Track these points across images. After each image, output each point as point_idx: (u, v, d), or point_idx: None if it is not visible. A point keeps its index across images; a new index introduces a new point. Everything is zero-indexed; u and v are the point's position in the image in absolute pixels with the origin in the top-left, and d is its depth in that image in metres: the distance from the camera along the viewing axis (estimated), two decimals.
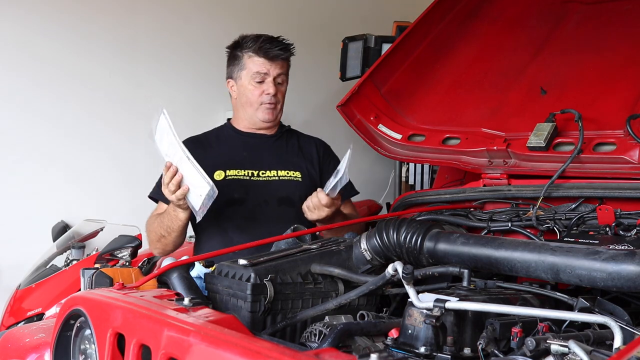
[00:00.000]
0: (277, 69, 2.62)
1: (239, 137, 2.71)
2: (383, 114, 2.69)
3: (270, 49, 2.60)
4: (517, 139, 2.33)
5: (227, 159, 2.63)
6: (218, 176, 2.57)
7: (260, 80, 2.61)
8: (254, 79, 2.62)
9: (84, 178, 4.47)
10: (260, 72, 2.61)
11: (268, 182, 2.61)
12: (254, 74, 2.61)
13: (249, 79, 2.62)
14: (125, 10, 4.65)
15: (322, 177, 2.67)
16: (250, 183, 2.60)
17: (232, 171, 2.60)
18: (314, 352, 1.29)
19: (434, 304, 1.45)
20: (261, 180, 2.61)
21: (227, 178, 2.58)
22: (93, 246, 3.90)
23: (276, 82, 2.64)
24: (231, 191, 2.54)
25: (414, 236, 1.96)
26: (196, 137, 2.74)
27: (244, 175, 2.60)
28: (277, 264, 1.87)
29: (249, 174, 2.61)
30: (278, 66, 2.63)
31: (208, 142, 2.70)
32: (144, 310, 1.58)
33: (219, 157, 2.63)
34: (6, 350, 2.11)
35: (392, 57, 2.76)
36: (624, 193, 2.05)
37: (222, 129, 2.78)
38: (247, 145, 2.69)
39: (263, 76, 2.61)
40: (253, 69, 2.61)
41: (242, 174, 2.60)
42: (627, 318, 1.60)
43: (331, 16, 5.35)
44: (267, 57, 2.60)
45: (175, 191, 2.25)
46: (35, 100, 4.38)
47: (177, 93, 4.68)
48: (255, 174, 2.62)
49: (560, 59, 2.54)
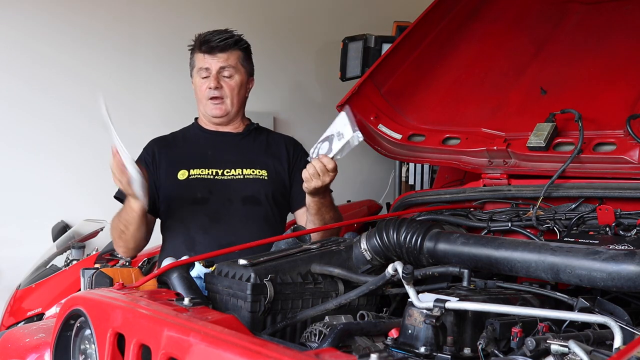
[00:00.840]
0: (219, 62, 2.56)
1: (204, 136, 2.68)
2: (383, 114, 2.69)
3: (209, 42, 2.55)
4: (517, 139, 2.33)
5: (191, 158, 2.60)
6: (182, 175, 2.55)
7: (205, 75, 2.58)
8: (199, 75, 2.59)
9: (84, 178, 4.47)
10: (202, 67, 2.58)
11: (232, 181, 2.57)
12: (198, 70, 2.59)
13: (197, 75, 2.61)
14: (124, 10, 4.65)
15: (291, 175, 2.64)
16: (214, 182, 2.56)
17: (195, 170, 2.56)
18: (314, 352, 1.29)
19: (434, 304, 1.45)
20: (225, 179, 2.57)
21: (191, 177, 2.55)
22: (93, 246, 3.91)
23: (221, 75, 2.57)
24: (194, 191, 2.51)
25: (414, 236, 1.96)
26: (163, 137, 2.71)
27: (208, 175, 2.56)
28: (277, 264, 1.87)
29: (212, 172, 2.57)
30: (221, 59, 2.56)
31: (174, 141, 2.67)
32: (144, 310, 1.58)
33: (182, 156, 2.60)
34: (6, 350, 2.11)
35: (392, 57, 2.76)
36: (624, 193, 2.05)
37: (189, 128, 2.75)
38: (212, 143, 2.65)
39: (206, 71, 2.57)
40: (197, 65, 2.60)
41: (205, 173, 2.57)
42: (627, 318, 1.60)
43: (331, 16, 5.36)
44: (207, 51, 2.56)
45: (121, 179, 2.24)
46: (35, 100, 4.39)
47: (176, 92, 4.68)
48: (220, 173, 2.57)
49: (560, 59, 2.54)
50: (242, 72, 2.62)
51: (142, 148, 2.69)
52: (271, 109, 4.97)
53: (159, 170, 2.59)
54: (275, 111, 5.04)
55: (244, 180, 2.58)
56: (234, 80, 2.60)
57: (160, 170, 2.59)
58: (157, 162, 2.60)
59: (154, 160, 2.60)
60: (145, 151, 2.66)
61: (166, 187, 2.57)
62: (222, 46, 2.56)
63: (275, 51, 5.14)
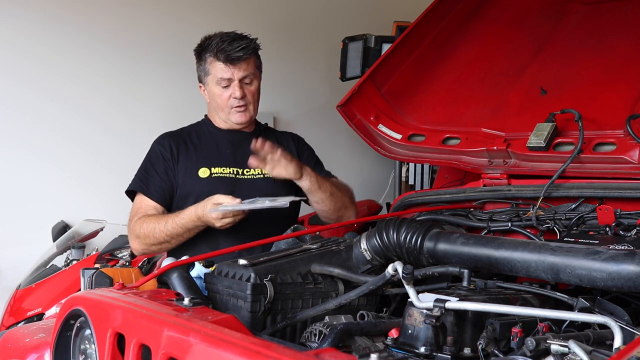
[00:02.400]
0: (240, 71, 2.54)
1: (221, 135, 2.67)
2: (383, 114, 2.69)
3: (230, 52, 2.51)
4: (517, 139, 2.33)
5: (211, 155, 2.59)
6: (203, 173, 2.54)
7: (226, 85, 2.55)
8: (219, 84, 2.55)
9: (84, 178, 4.48)
10: (223, 77, 2.54)
11: (254, 180, 2.58)
12: (218, 80, 2.55)
13: (215, 84, 2.57)
14: (125, 11, 4.65)
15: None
16: (236, 181, 2.56)
17: (217, 169, 2.56)
18: (314, 352, 1.29)
19: (434, 304, 1.45)
20: (247, 178, 2.58)
21: (213, 176, 2.55)
22: (93, 246, 3.90)
23: (243, 83, 2.56)
24: (217, 189, 2.48)
25: (414, 236, 1.96)
26: (175, 132, 2.68)
27: (230, 173, 2.57)
28: (277, 264, 1.87)
29: (234, 171, 2.58)
30: (242, 68, 2.54)
31: (189, 137, 2.65)
32: (144, 310, 1.58)
33: (202, 154, 2.60)
34: (6, 350, 2.11)
35: (392, 57, 2.76)
36: (624, 193, 2.05)
37: (200, 124, 2.73)
38: (230, 142, 2.65)
39: (227, 81, 2.54)
40: (217, 75, 2.54)
41: (227, 172, 2.57)
42: (627, 318, 1.59)
43: (331, 16, 5.36)
44: (228, 61, 2.52)
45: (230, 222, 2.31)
46: (35, 101, 4.38)
47: (176, 94, 4.68)
48: (241, 172, 2.58)
49: (560, 59, 2.54)
50: (258, 76, 2.63)
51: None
52: (271, 109, 4.97)
53: (177, 166, 2.57)
54: (275, 111, 5.04)
55: (265, 179, 2.58)
56: (254, 86, 2.60)
57: (178, 165, 2.57)
58: (176, 157, 2.58)
59: (172, 155, 2.58)
60: (160, 145, 2.61)
61: (187, 185, 2.55)
62: (243, 56, 2.53)
63: (275, 51, 5.11)
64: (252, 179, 2.59)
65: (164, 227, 2.43)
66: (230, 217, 2.31)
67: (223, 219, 2.31)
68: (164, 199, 2.54)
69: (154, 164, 2.58)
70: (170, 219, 2.43)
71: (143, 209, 2.53)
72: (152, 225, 2.45)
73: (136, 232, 2.49)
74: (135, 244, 2.52)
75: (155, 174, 2.56)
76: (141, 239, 2.48)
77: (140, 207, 2.55)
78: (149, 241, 2.47)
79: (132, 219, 2.54)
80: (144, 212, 2.52)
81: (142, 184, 2.56)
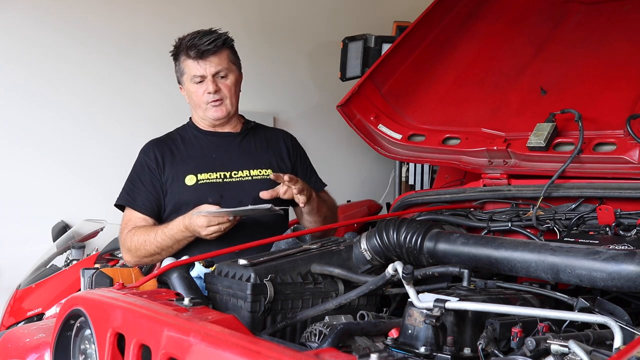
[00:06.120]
0: (212, 66, 2.51)
1: (205, 138, 2.64)
2: (383, 114, 2.69)
3: (199, 47, 2.49)
4: (517, 139, 2.33)
5: (196, 162, 2.56)
6: (189, 181, 2.52)
7: (199, 81, 2.54)
8: (193, 81, 2.54)
9: (84, 178, 4.48)
10: (196, 74, 2.52)
11: (241, 183, 2.55)
12: (192, 77, 2.54)
13: (190, 82, 2.55)
14: (127, 6, 4.65)
15: (294, 169, 2.65)
16: (224, 185, 2.53)
17: (203, 175, 2.54)
18: (314, 352, 1.29)
19: (434, 304, 1.45)
20: (234, 181, 2.55)
21: (200, 182, 2.52)
22: (93, 246, 3.91)
23: (218, 77, 2.54)
24: (205, 196, 2.47)
25: (414, 236, 1.95)
26: (159, 139, 2.66)
27: (217, 178, 2.54)
28: (277, 264, 1.87)
29: (221, 176, 2.54)
30: (214, 62, 2.52)
31: (174, 144, 2.62)
32: (144, 310, 1.58)
33: (187, 161, 2.57)
34: (6, 350, 2.11)
35: (392, 57, 2.76)
36: (624, 193, 2.05)
37: (184, 128, 2.70)
38: (214, 145, 2.62)
39: (200, 77, 2.53)
40: (190, 72, 2.53)
41: (214, 177, 2.54)
42: (627, 318, 1.60)
43: (331, 16, 5.36)
44: (198, 57, 2.50)
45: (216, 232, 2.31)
46: (35, 100, 4.39)
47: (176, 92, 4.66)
48: (228, 176, 2.55)
49: (560, 59, 2.54)
50: (234, 70, 2.60)
51: (139, 152, 2.63)
52: (271, 109, 4.97)
53: (163, 175, 2.55)
54: (275, 111, 5.04)
55: (252, 182, 2.56)
56: (229, 80, 2.57)
57: (165, 174, 2.55)
58: (162, 167, 2.56)
59: (158, 164, 2.56)
60: (145, 155, 2.60)
61: (174, 193, 2.53)
62: (213, 49, 2.51)
63: (276, 51, 5.14)
64: (240, 181, 2.56)
65: (153, 239, 2.42)
66: (215, 226, 2.30)
67: (209, 227, 2.30)
68: (152, 210, 2.53)
69: (140, 176, 2.57)
70: (160, 231, 2.42)
71: (132, 221, 2.52)
72: (142, 238, 2.45)
73: (127, 245, 2.49)
74: (127, 257, 2.51)
75: (142, 185, 2.54)
76: (132, 252, 2.47)
77: (129, 219, 2.53)
78: (140, 253, 2.46)
79: (122, 231, 2.54)
80: (134, 224, 2.51)
81: (129, 197, 2.55)
